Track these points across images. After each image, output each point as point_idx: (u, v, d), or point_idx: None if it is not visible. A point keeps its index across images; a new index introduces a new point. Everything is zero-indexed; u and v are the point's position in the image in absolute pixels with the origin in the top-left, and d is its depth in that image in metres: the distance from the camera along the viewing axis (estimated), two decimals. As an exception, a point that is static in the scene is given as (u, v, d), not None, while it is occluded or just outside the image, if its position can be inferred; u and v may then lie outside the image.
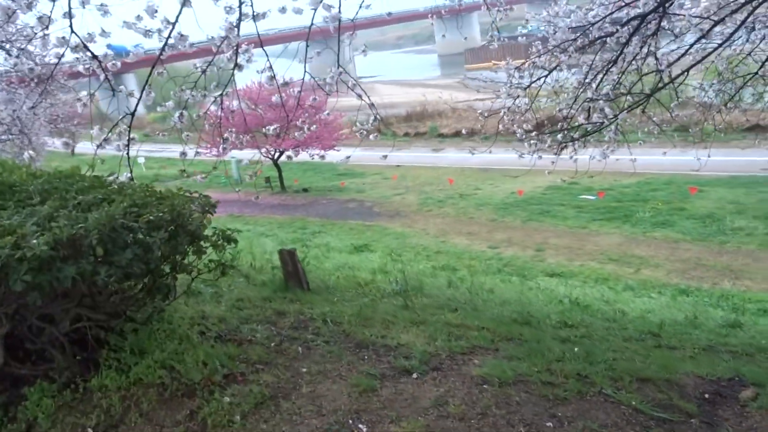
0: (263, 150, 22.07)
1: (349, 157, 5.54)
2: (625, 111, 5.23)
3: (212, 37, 3.54)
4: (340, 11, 3.94)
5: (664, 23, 5.65)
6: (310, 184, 24.04)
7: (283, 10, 3.61)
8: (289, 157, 20.99)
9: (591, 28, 5.48)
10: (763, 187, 15.98)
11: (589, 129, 5.63)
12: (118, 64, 3.82)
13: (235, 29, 3.56)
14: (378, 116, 4.86)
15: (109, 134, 3.89)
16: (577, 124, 5.63)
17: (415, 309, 4.79)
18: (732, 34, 4.92)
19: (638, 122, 6.97)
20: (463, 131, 19.89)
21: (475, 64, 67.68)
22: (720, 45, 5.15)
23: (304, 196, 22.11)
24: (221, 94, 4.14)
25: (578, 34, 5.35)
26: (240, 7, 3.49)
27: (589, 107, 5.78)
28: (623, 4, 5.11)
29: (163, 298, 3.57)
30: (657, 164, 17.34)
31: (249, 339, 3.79)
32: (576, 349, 3.89)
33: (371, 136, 4.93)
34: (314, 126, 6.19)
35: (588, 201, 16.83)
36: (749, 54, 6.21)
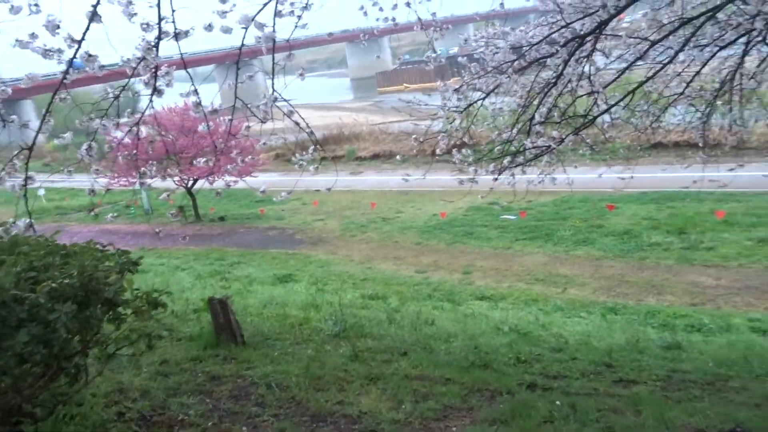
0: (176, 178, 21.01)
1: (264, 191, 5.06)
2: (572, 134, 5.06)
3: (127, 58, 3.01)
4: (274, 30, 3.50)
5: (600, 44, 5.58)
6: (227, 212, 23.09)
7: (209, 27, 3.13)
8: (210, 181, 20.01)
9: (529, 50, 5.29)
10: (672, 202, 16.67)
11: (535, 153, 5.44)
12: (9, 90, 3.22)
13: (154, 49, 3.05)
14: (318, 145, 4.44)
15: (1, 172, 3.25)
16: (523, 147, 5.42)
17: (365, 359, 4.32)
18: (676, 53, 4.87)
19: (572, 144, 6.92)
20: (396, 156, 19.92)
21: (386, 87, 68.54)
22: (663, 66, 5.09)
23: (221, 225, 21.16)
24: (137, 123, 3.57)
25: (516, 56, 5.15)
26: (159, 24, 2.98)
27: (531, 130, 5.59)
28: (564, 24, 4.95)
29: (70, 382, 2.91)
30: (568, 182, 17.78)
31: (180, 418, 3.19)
32: (557, 402, 3.58)
33: (312, 168, 4.51)
34: (238, 154, 5.67)
35: (509, 221, 16.97)
36: (679, 74, 6.25)
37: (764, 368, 5.17)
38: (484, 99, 5.70)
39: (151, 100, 3.38)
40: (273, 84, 4.10)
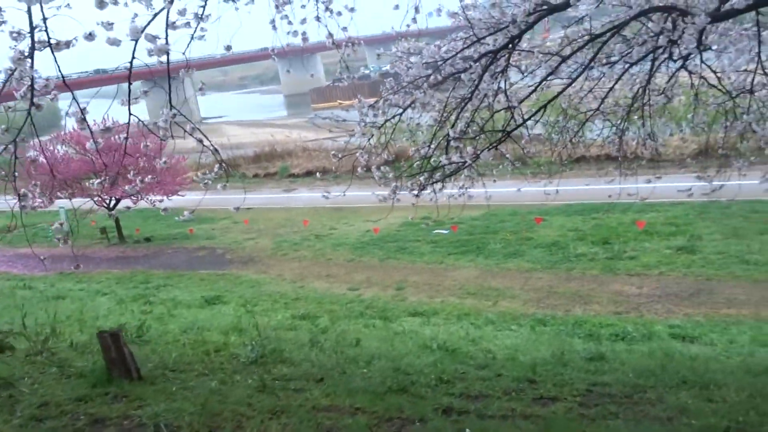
0: (96, 199, 20.13)
1: (192, 211, 4.84)
2: (487, 149, 5.04)
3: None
4: (167, 43, 3.30)
5: (513, 59, 5.61)
6: (154, 232, 22.28)
7: (90, 36, 2.89)
8: (127, 207, 19.19)
9: (444, 65, 5.26)
10: (596, 213, 17.15)
11: (451, 169, 5.40)
12: None
13: (28, 60, 2.78)
14: (223, 163, 4.23)
15: None
16: (438, 164, 5.37)
17: (274, 389, 4.08)
18: (583, 70, 4.94)
19: (492, 159, 6.96)
20: (318, 173, 19.63)
21: (321, 103, 68.45)
22: (571, 82, 5.16)
23: (147, 246, 20.38)
24: (14, 141, 3.27)
25: (431, 71, 5.10)
26: (32, 33, 2.72)
27: (447, 146, 5.56)
28: (475, 39, 4.95)
29: None
30: (498, 196, 18.09)
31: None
32: (467, 430, 3.47)
33: (219, 186, 4.30)
34: (149, 177, 5.37)
35: (442, 235, 17.04)
36: (591, 90, 6.38)
37: (679, 376, 5.26)
38: (400, 115, 5.63)
39: (29, 116, 3.11)
40: (170, 100, 3.89)
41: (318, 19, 5.04)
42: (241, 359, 5.14)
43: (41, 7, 2.65)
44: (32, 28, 2.71)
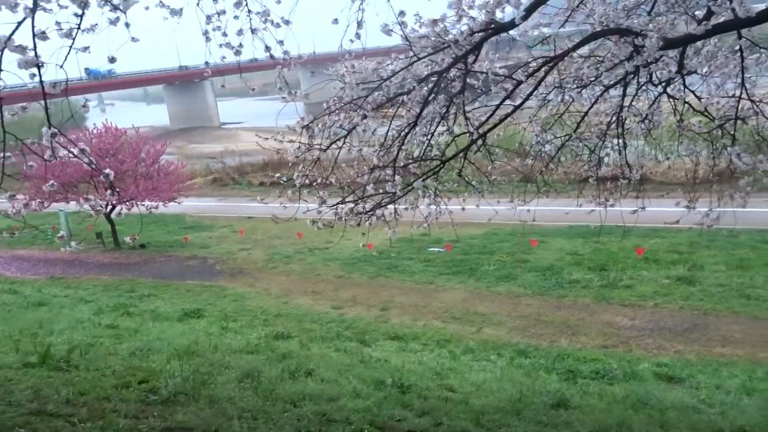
0: (91, 203, 19.95)
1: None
2: (421, 179, 4.62)
3: None
4: (36, 53, 2.94)
5: (469, 80, 5.17)
6: (152, 238, 22.04)
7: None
8: (119, 213, 19.05)
9: (388, 85, 4.84)
10: (598, 236, 16.51)
11: (381, 201, 4.99)
12: None
13: None
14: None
15: None
16: (364, 194, 4.97)
17: None
18: (527, 96, 4.48)
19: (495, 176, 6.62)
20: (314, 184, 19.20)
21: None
22: (516, 108, 4.70)
23: (141, 253, 20.12)
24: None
25: (367, 93, 4.69)
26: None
27: (396, 171, 5.14)
28: (414, 59, 4.52)
29: None
30: (502, 214, 17.52)
31: None
32: None
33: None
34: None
35: (436, 254, 16.55)
36: (561, 115, 5.92)
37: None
38: (345, 137, 5.24)
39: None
40: (48, 117, 3.53)
41: (254, 31, 4.71)
42: (153, 397, 4.72)
43: None
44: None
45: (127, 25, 3.72)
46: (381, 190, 4.94)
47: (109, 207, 20.04)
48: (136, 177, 19.69)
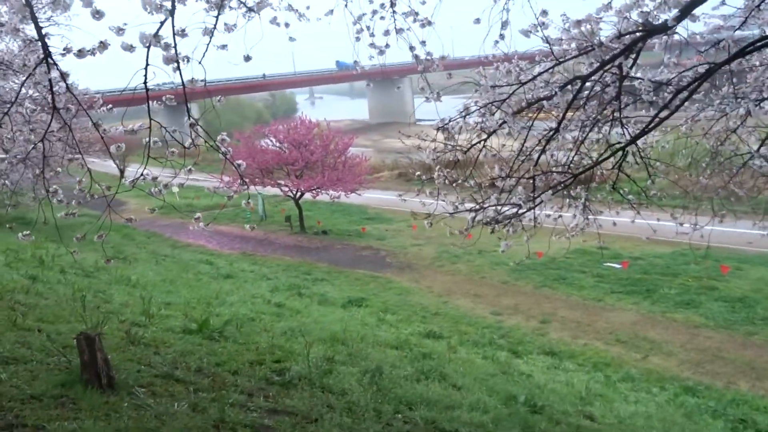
0: (285, 189, 21.73)
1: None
2: (549, 191, 4.34)
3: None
4: (176, 50, 3.26)
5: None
6: (334, 226, 23.42)
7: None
8: (314, 195, 20.56)
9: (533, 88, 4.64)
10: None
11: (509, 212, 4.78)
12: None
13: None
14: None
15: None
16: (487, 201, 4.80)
17: (235, 425, 3.77)
18: (685, 100, 3.99)
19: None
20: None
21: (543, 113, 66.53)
22: (668, 116, 4.22)
23: (322, 239, 21.48)
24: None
25: (506, 97, 4.51)
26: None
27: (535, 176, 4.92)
28: (555, 62, 4.24)
29: None
30: (697, 234, 15.81)
31: None
32: None
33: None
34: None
35: (611, 269, 15.47)
36: (734, 131, 5.20)
37: None
38: (484, 140, 5.15)
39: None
40: (188, 110, 3.85)
41: (398, 31, 4.77)
42: (277, 377, 5.00)
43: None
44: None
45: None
46: (518, 197, 4.76)
47: (298, 194, 21.67)
48: (324, 167, 21.05)
